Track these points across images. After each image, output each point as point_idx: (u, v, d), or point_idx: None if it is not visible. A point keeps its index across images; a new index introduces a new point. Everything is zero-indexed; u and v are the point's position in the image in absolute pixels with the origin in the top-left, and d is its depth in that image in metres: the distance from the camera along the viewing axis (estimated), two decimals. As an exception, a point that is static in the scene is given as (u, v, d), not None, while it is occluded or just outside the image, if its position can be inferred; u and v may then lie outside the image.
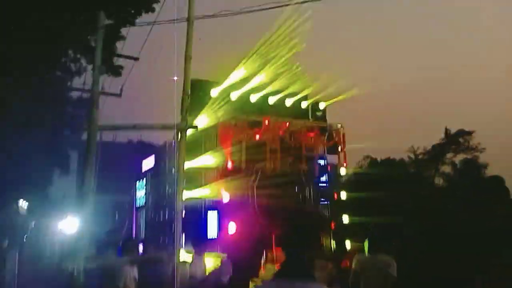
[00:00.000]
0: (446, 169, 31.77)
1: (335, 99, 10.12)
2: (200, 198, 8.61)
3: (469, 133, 30.68)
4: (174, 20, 10.47)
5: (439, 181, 31.92)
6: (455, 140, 31.08)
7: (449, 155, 31.41)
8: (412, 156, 32.20)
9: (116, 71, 14.62)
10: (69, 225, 21.12)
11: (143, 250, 9.03)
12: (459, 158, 31.38)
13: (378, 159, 32.91)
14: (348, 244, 9.23)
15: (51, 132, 15.82)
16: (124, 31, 13.14)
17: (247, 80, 9.10)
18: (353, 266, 5.38)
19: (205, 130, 8.16)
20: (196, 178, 8.87)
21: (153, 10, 12.73)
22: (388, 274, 5.29)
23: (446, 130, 31.46)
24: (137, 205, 13.49)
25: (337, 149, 9.63)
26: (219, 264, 6.28)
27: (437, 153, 31.25)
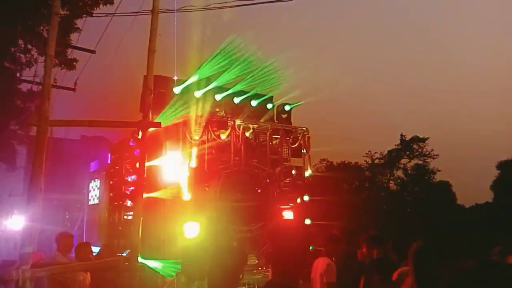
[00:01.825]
0: (400, 174, 32.85)
1: (299, 103, 10.11)
2: (159, 199, 8.22)
3: (423, 139, 31.82)
4: (136, 12, 10.02)
5: (393, 185, 32.97)
6: (410, 146, 32.13)
7: (403, 161, 32.47)
8: (369, 160, 33.02)
9: (70, 64, 13.92)
10: (15, 224, 19.90)
11: (97, 254, 8.52)
12: (413, 163, 32.55)
13: (334, 163, 33.53)
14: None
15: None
16: (80, 22, 12.51)
17: (211, 78, 8.84)
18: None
19: (167, 129, 7.80)
20: (155, 178, 8.49)
21: (111, 2, 12.18)
22: None
23: (402, 136, 32.49)
24: (89, 204, 12.86)
25: (302, 152, 9.56)
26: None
27: (392, 158, 32.20)
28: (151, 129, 5.69)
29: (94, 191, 12.41)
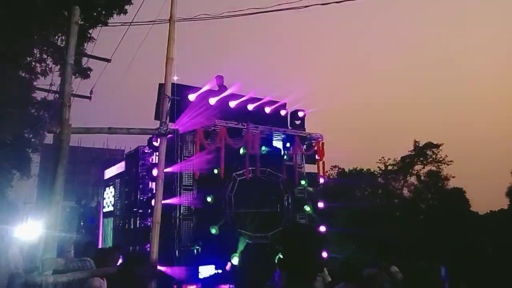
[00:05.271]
0: (414, 180, 32.43)
1: (313, 109, 10.09)
2: (173, 206, 8.24)
3: (437, 145, 31.42)
4: (153, 21, 10.12)
5: (406, 192, 32.55)
6: (423, 152, 31.73)
7: (417, 167, 32.05)
8: (382, 166, 32.66)
9: (84, 73, 14.08)
10: (29, 231, 20.00)
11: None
12: (427, 169, 32.09)
13: (346, 169, 33.27)
14: (324, 254, 9.11)
15: (13, 134, 15.02)
16: (95, 32, 12.65)
17: (226, 85, 8.89)
18: None
19: (182, 136, 7.85)
20: (170, 185, 8.52)
21: (125, 12, 12.28)
22: None
23: (415, 142, 32.11)
24: (104, 212, 12.94)
25: (316, 158, 9.53)
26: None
27: (406, 164, 31.82)
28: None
29: (109, 199, 12.49)
